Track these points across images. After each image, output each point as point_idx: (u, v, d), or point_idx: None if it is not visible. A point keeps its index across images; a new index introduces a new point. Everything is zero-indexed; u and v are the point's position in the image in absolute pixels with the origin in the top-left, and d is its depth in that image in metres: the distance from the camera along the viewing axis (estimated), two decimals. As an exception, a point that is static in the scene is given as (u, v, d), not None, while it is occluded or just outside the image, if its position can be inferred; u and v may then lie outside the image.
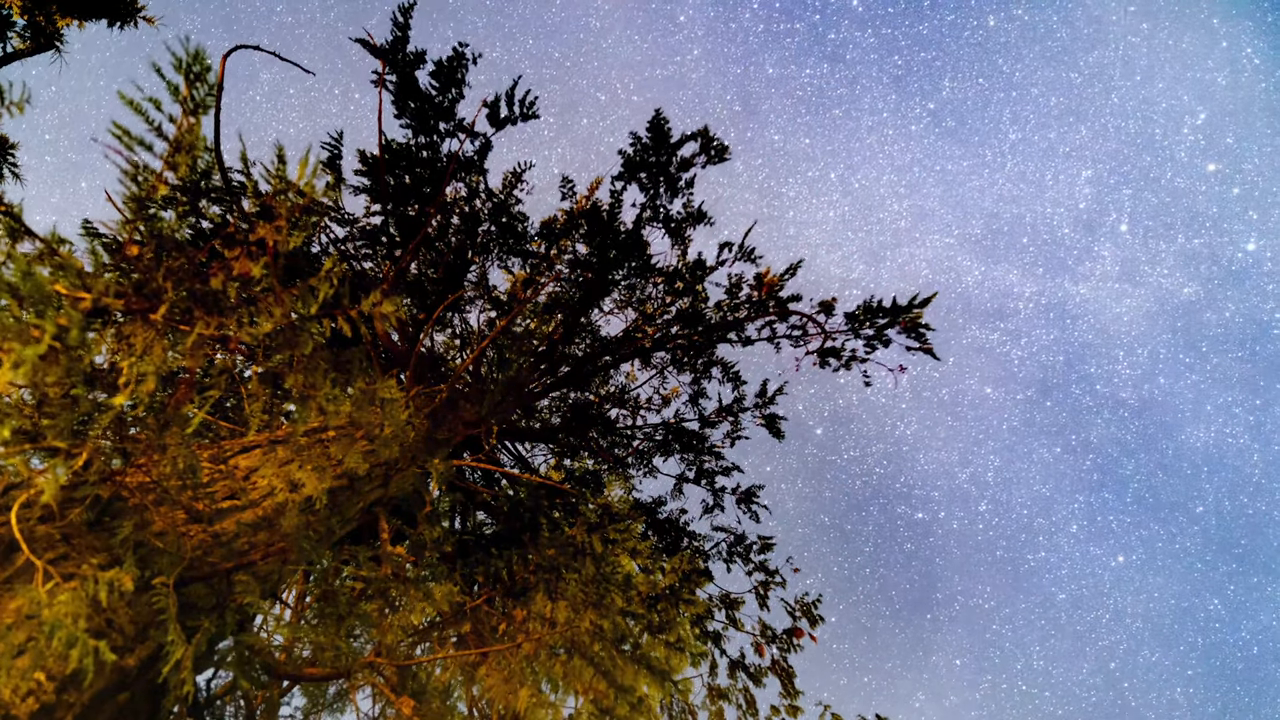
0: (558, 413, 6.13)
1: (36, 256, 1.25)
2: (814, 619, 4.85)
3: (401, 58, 3.98)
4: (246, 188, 2.87)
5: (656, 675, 3.28)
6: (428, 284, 5.02)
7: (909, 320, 4.46)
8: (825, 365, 5.00)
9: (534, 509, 4.22)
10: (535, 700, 2.92)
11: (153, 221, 1.42)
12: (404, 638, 3.21)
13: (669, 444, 5.94)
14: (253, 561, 1.89)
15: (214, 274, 1.41)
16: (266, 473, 2.16)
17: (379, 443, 2.64)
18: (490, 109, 4.27)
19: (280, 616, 3.11)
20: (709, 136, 4.59)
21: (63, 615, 1.25)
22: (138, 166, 1.36)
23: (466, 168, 4.56)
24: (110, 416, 1.47)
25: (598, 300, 5.30)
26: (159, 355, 1.38)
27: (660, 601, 3.70)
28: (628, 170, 4.69)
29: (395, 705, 2.56)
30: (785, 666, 4.66)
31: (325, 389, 1.71)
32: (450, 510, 4.93)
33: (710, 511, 5.79)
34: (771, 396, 5.71)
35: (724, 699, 4.40)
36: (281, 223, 1.42)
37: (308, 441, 2.31)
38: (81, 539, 1.50)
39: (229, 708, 2.90)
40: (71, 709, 1.27)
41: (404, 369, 4.45)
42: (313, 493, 2.20)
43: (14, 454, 1.35)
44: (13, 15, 3.64)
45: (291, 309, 1.48)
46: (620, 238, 4.98)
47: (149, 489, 1.76)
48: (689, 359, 5.71)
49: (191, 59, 1.34)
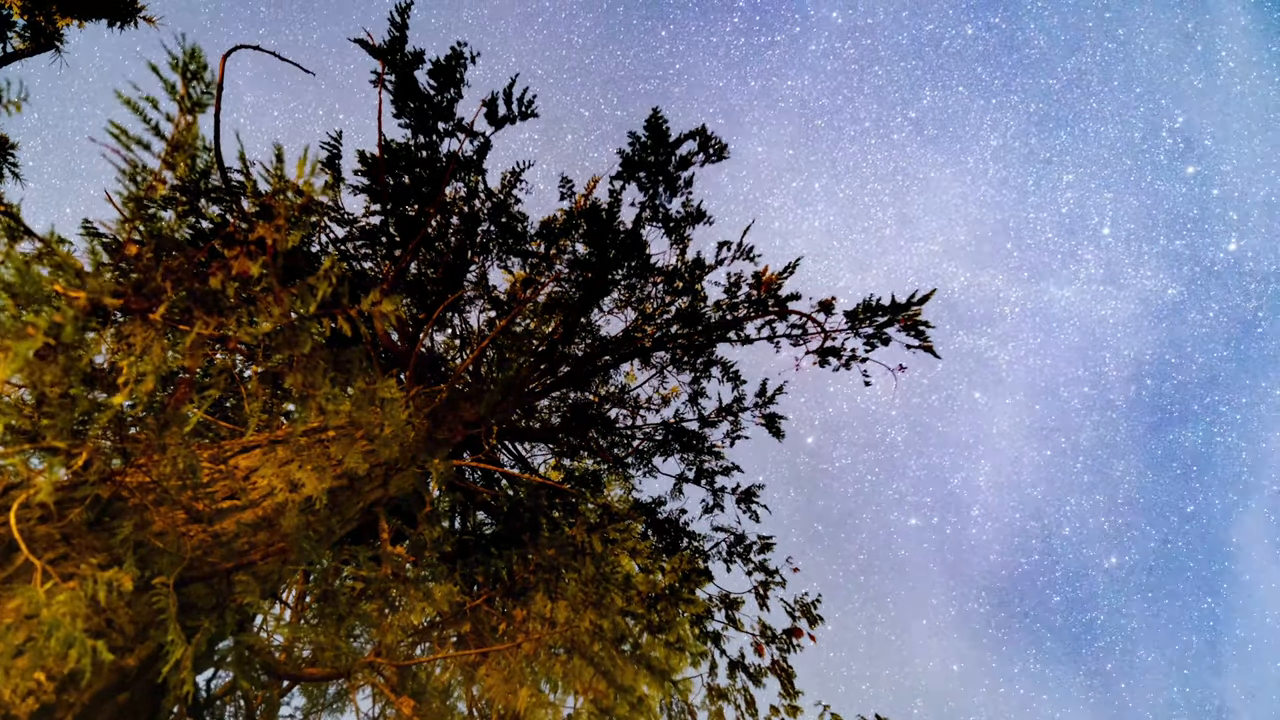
0: (558, 413, 6.13)
1: (35, 256, 1.25)
2: (813, 619, 4.85)
3: (400, 57, 3.98)
4: (245, 187, 2.87)
5: (656, 675, 3.28)
6: (427, 284, 5.01)
7: (908, 318, 4.46)
8: (825, 364, 5.00)
9: (534, 509, 4.22)
10: (535, 700, 2.92)
11: (152, 221, 1.42)
12: (404, 638, 3.21)
13: (669, 444, 5.94)
14: (253, 561, 1.89)
15: (213, 273, 1.41)
16: (266, 473, 2.16)
17: (379, 443, 2.64)
18: (489, 108, 4.27)
19: (280, 616, 3.11)
20: (707, 135, 4.59)
21: (62, 615, 1.25)
22: (136, 166, 1.36)
23: (466, 167, 4.56)
24: (109, 416, 1.47)
25: (597, 300, 5.30)
26: (158, 355, 1.38)
27: (660, 601, 3.70)
28: (626, 169, 4.69)
29: (395, 705, 2.56)
30: (785, 667, 4.66)
31: (325, 389, 1.71)
32: (450, 510, 4.93)
33: (710, 511, 5.79)
34: (771, 396, 5.71)
35: (724, 699, 4.40)
36: (280, 222, 1.42)
37: (308, 441, 2.31)
38: (81, 539, 1.50)
39: (229, 708, 2.89)
40: (71, 709, 1.27)
41: (404, 369, 4.45)
42: (313, 493, 2.20)
43: (13, 454, 1.35)
44: (13, 15, 3.64)
45: (291, 308, 1.48)
46: (619, 237, 4.98)
47: (149, 489, 1.76)
48: (689, 358, 5.71)
49: (188, 57, 1.34)
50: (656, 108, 4.40)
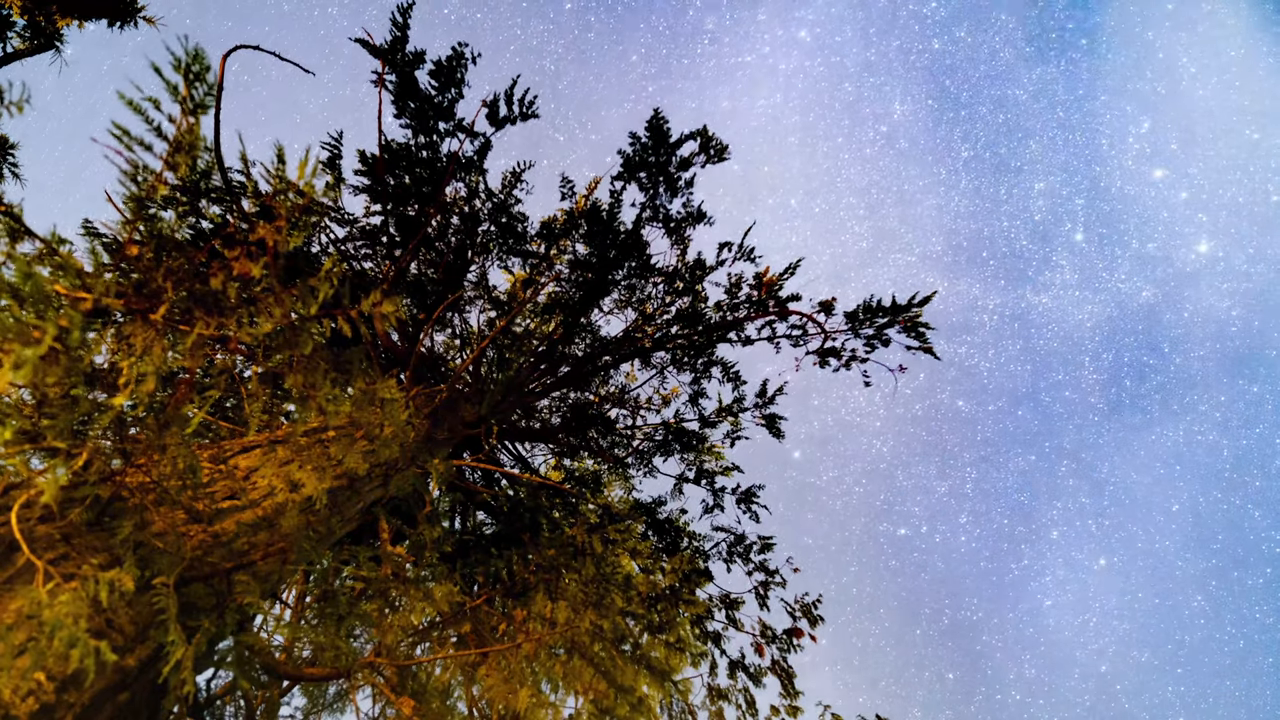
0: (558, 413, 6.13)
1: (37, 257, 1.25)
2: (814, 619, 4.85)
3: (401, 57, 3.98)
4: (246, 188, 2.87)
5: (656, 675, 3.28)
6: (428, 284, 5.01)
7: (909, 319, 4.46)
8: (825, 365, 5.00)
9: (534, 509, 4.21)
10: (535, 700, 2.92)
11: (153, 221, 1.42)
12: (404, 638, 3.21)
13: (669, 444, 5.94)
14: (253, 561, 1.89)
15: (214, 274, 1.41)
16: (266, 473, 2.16)
17: (379, 443, 2.64)
18: (490, 108, 4.27)
19: (280, 616, 3.11)
20: (708, 136, 4.59)
21: (63, 615, 1.25)
22: (137, 166, 1.36)
23: (466, 167, 4.56)
24: (110, 416, 1.47)
25: (597, 300, 5.30)
26: (159, 355, 1.38)
27: (660, 601, 3.70)
28: (627, 170, 4.69)
29: (395, 705, 2.56)
30: (785, 667, 4.66)
31: (325, 389, 1.71)
32: (450, 510, 4.93)
33: (710, 512, 5.79)
34: (771, 396, 5.71)
35: (724, 699, 4.40)
36: (281, 223, 1.42)
37: (308, 441, 2.31)
38: (81, 539, 1.50)
39: (229, 708, 2.90)
40: (71, 709, 1.27)
41: (404, 369, 4.45)
42: (313, 493, 2.20)
43: (14, 454, 1.35)
44: (13, 15, 3.64)
45: (291, 309, 1.48)
46: (620, 237, 4.98)
47: (149, 489, 1.76)
48: (689, 359, 5.71)
49: (190, 58, 1.34)
50: (658, 109, 4.40)
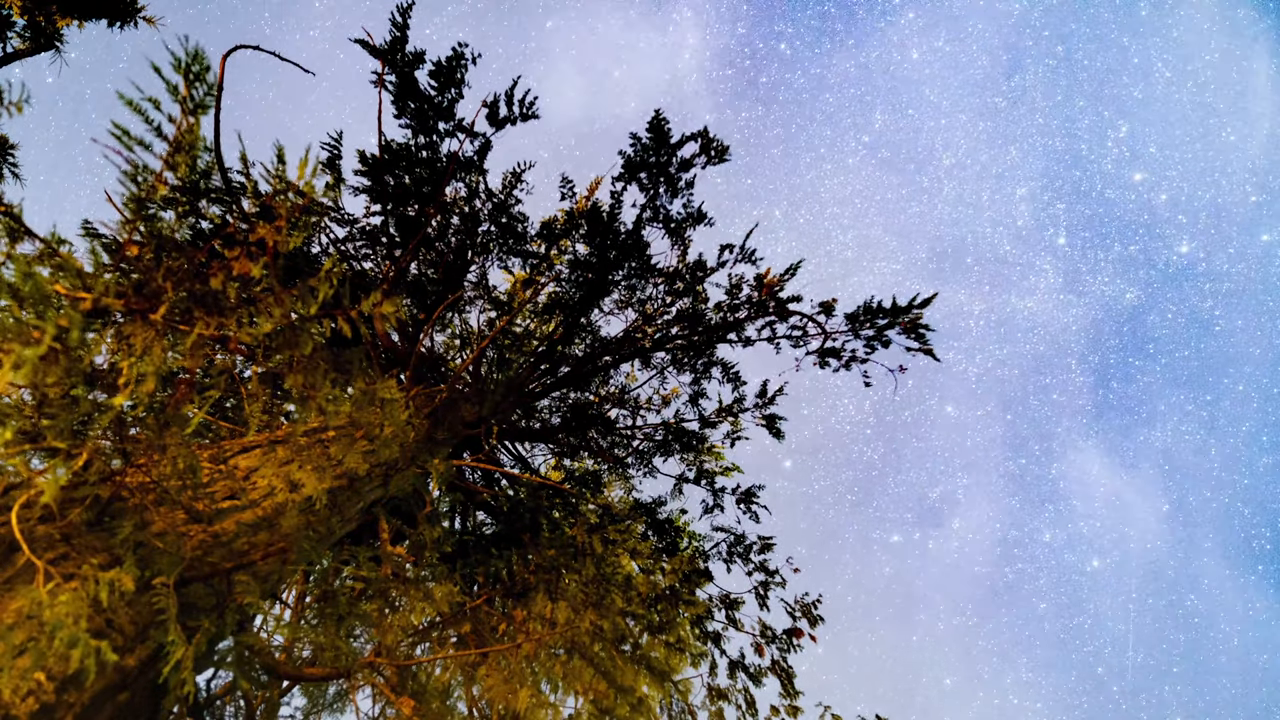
0: (558, 413, 6.13)
1: (37, 257, 1.25)
2: (814, 619, 4.85)
3: (401, 58, 3.98)
4: (246, 188, 2.87)
5: (656, 675, 3.28)
6: (428, 284, 5.01)
7: (909, 321, 4.46)
8: (825, 365, 5.00)
9: (534, 509, 4.22)
10: (535, 700, 2.92)
11: (152, 222, 1.42)
12: (404, 638, 3.21)
13: (669, 444, 5.94)
14: (253, 561, 1.89)
15: (214, 274, 1.41)
16: (266, 473, 2.16)
17: (379, 443, 2.64)
18: (490, 109, 4.27)
19: (280, 616, 3.11)
20: (709, 137, 4.59)
21: (64, 615, 1.25)
22: (138, 166, 1.36)
23: (466, 168, 4.56)
24: (110, 416, 1.47)
25: (598, 300, 5.30)
26: (159, 355, 1.38)
27: (660, 602, 3.70)
28: (628, 170, 4.69)
29: (395, 705, 2.56)
30: (785, 667, 4.66)
31: (325, 389, 1.71)
32: (450, 510, 4.93)
33: (710, 512, 5.79)
34: (771, 397, 5.71)
35: (724, 699, 4.40)
36: (281, 223, 1.42)
37: (308, 441, 2.31)
38: (81, 539, 1.50)
39: (229, 708, 2.90)
40: (71, 709, 1.27)
41: (404, 369, 4.45)
42: (313, 493, 2.20)
43: (14, 454, 1.35)
44: (13, 15, 3.64)
45: (291, 309, 1.48)
46: (620, 238, 4.98)
47: (149, 489, 1.76)
48: (689, 359, 5.71)
49: (191, 59, 1.34)
50: (659, 109, 4.40)
